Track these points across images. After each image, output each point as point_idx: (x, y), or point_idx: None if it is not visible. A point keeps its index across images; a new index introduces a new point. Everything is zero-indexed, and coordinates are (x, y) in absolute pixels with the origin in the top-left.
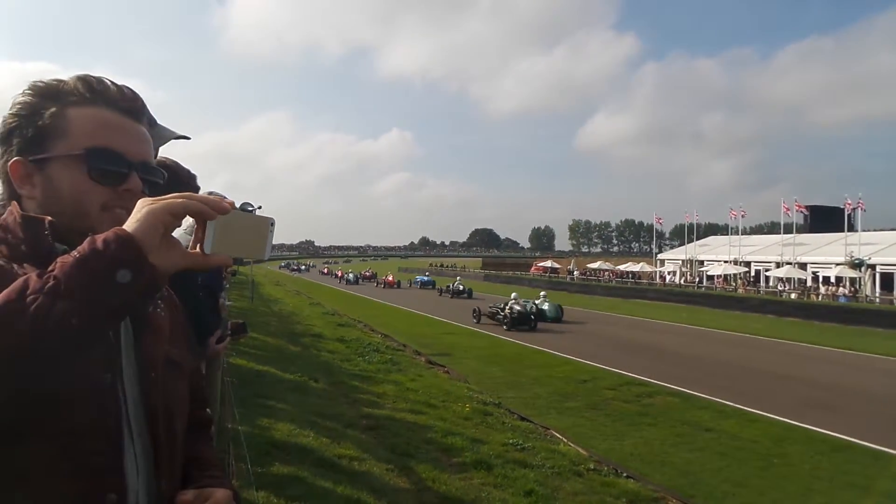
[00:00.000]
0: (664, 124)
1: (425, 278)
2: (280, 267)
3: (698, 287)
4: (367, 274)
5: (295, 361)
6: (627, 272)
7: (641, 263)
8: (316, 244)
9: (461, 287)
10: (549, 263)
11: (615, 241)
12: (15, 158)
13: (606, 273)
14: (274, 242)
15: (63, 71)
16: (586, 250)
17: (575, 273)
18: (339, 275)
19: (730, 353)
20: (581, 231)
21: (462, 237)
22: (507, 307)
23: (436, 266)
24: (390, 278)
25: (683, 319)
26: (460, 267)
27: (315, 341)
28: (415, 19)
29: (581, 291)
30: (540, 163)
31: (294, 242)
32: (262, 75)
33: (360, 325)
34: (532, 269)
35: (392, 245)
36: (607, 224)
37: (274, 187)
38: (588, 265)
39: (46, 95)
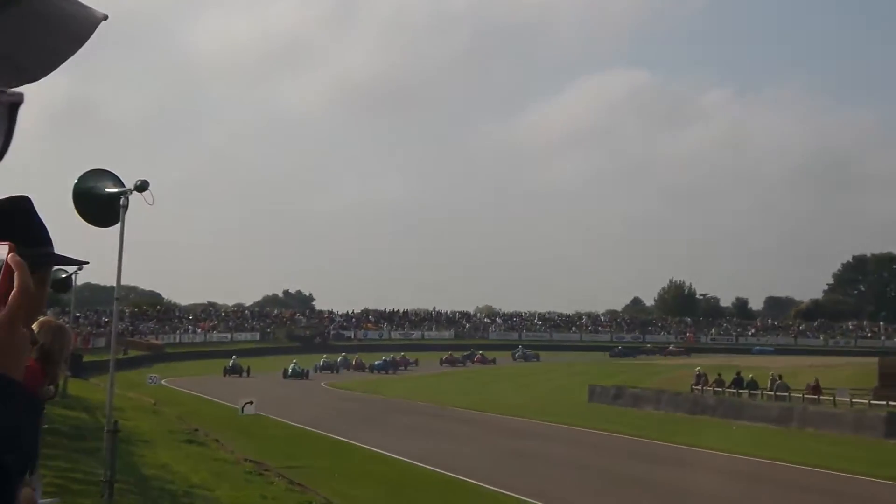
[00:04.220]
0: None
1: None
2: (227, 371)
3: None
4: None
5: None
6: None
7: None
8: (317, 307)
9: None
10: None
11: None
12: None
13: None
14: (209, 300)
15: None
16: None
17: None
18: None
19: None
20: None
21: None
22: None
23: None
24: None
25: None
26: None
27: None
28: None
29: None
30: None
31: (249, 302)
32: None
33: None
34: None
35: (556, 310)
36: None
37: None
38: None
39: None
